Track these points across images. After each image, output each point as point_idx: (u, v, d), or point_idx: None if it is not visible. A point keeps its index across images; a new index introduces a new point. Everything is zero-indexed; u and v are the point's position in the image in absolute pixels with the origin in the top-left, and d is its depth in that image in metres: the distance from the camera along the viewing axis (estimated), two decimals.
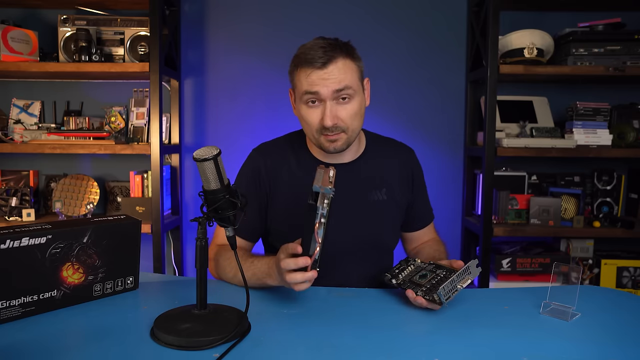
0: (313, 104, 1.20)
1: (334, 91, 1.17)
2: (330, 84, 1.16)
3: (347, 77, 1.18)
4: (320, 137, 1.22)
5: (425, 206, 1.45)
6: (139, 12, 2.45)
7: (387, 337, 0.94)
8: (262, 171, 1.31)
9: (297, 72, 1.21)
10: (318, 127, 1.20)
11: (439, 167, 2.52)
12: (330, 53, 1.17)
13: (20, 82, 2.54)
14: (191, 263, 2.61)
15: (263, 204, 1.32)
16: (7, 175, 2.50)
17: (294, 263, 0.99)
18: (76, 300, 1.06)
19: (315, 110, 1.20)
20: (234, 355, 0.85)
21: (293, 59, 1.23)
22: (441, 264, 1.15)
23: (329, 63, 1.16)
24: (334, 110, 1.18)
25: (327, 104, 1.18)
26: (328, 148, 1.23)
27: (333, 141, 1.22)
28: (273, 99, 2.52)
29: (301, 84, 1.20)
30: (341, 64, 1.18)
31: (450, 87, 2.52)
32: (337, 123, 1.19)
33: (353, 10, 2.50)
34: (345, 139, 1.22)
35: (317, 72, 1.17)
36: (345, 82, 1.17)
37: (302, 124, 1.27)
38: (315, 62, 1.16)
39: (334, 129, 1.19)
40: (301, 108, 1.23)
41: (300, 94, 1.22)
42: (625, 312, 1.11)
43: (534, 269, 2.32)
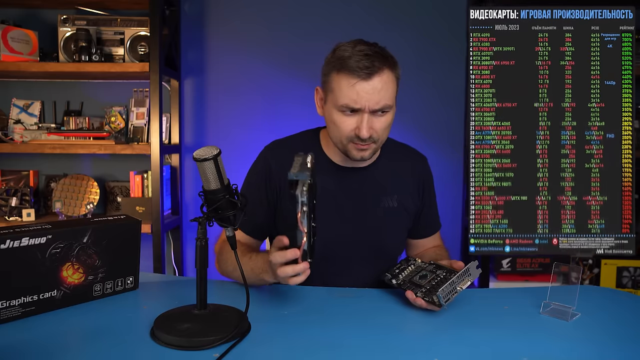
0: (350, 114, 1.17)
1: (374, 108, 1.15)
2: (372, 98, 1.13)
3: (387, 94, 1.15)
4: (349, 144, 1.19)
5: (433, 215, 1.44)
6: (139, 12, 2.45)
7: (387, 337, 0.94)
8: (272, 169, 1.29)
9: (336, 77, 1.16)
10: (350, 135, 1.17)
11: (439, 167, 2.50)
12: (377, 64, 1.14)
13: (20, 82, 2.54)
14: (191, 263, 2.61)
15: (272, 202, 1.29)
16: (7, 175, 2.51)
17: (281, 256, 0.96)
18: (76, 300, 1.06)
19: (350, 118, 1.17)
20: (234, 355, 0.85)
21: (331, 59, 1.19)
22: (441, 265, 1.14)
23: (374, 75, 1.13)
24: (370, 122, 1.16)
25: (365, 116, 1.15)
26: (356, 156, 1.21)
27: (362, 150, 1.19)
28: (273, 98, 2.52)
29: (341, 92, 1.15)
30: (385, 77, 1.15)
31: (450, 87, 2.52)
32: (372, 134, 1.17)
33: (353, 10, 2.50)
34: (373, 149, 1.21)
35: (361, 84, 1.13)
36: (385, 100, 1.15)
37: (330, 127, 1.23)
38: (360, 72, 1.13)
39: (367, 140, 1.17)
40: (334, 113, 1.19)
41: (336, 101, 1.17)
42: (625, 312, 1.11)
43: (534, 269, 2.32)
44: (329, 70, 1.19)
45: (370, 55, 1.14)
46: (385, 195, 1.31)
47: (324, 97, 1.23)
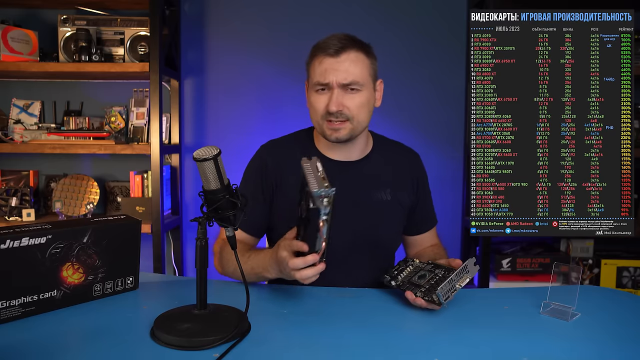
0: (322, 91, 1.23)
1: (342, 83, 1.21)
2: (340, 74, 1.20)
3: (356, 71, 1.21)
4: (324, 124, 1.24)
5: (428, 211, 1.45)
6: (139, 12, 2.45)
7: (387, 337, 0.94)
8: (268, 166, 1.32)
9: (311, 61, 1.26)
10: (323, 112, 1.23)
11: (439, 167, 2.52)
12: (345, 42, 1.21)
13: (20, 82, 2.54)
14: (191, 263, 2.61)
15: (268, 199, 1.32)
16: (7, 175, 2.51)
17: (303, 262, 0.99)
18: (76, 300, 1.06)
19: (322, 96, 1.23)
20: (234, 355, 0.85)
21: (311, 50, 1.28)
22: (439, 264, 1.14)
23: (342, 52, 1.20)
24: (340, 98, 1.21)
25: (335, 91, 1.21)
26: (330, 136, 1.25)
27: (336, 130, 1.23)
28: (273, 98, 2.52)
29: (314, 72, 1.24)
30: (354, 56, 1.22)
31: (450, 87, 2.52)
32: (342, 110, 1.21)
33: (353, 10, 2.50)
34: (349, 129, 1.24)
35: (329, 60, 1.21)
36: (354, 76, 1.21)
37: (310, 113, 1.29)
38: (329, 49, 1.21)
39: (338, 115, 1.21)
40: (311, 95, 1.27)
41: (312, 82, 1.25)
42: (625, 312, 1.11)
43: (534, 269, 2.32)
44: (308, 59, 1.28)
45: (341, 38, 1.22)
46: (379, 189, 1.33)
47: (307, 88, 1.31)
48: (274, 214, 1.33)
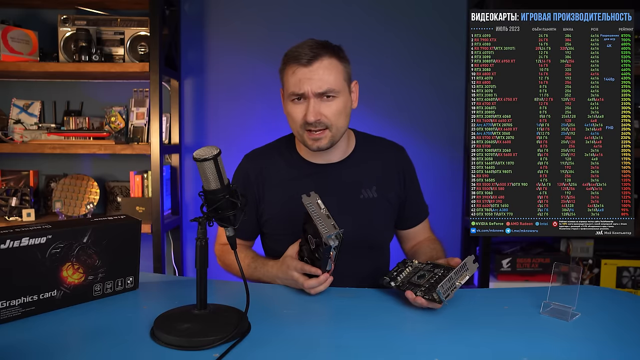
0: (298, 101, 1.23)
1: (317, 92, 1.21)
2: (314, 83, 1.20)
3: (330, 78, 1.21)
4: (304, 134, 1.25)
5: (419, 203, 1.46)
6: (139, 12, 2.45)
7: (387, 337, 0.94)
8: (250, 175, 1.35)
9: (284, 70, 1.26)
10: (302, 123, 1.23)
11: (438, 167, 2.52)
12: (317, 51, 1.21)
13: (20, 82, 2.54)
14: (191, 263, 2.61)
15: (254, 208, 1.36)
16: (7, 175, 2.51)
17: (317, 282, 1.11)
18: (76, 300, 1.06)
19: (299, 106, 1.23)
20: (234, 355, 0.85)
21: (282, 58, 1.28)
22: (438, 263, 1.15)
23: (315, 61, 1.20)
24: (317, 107, 1.21)
25: (311, 101, 1.21)
26: (312, 146, 1.26)
27: (317, 139, 1.25)
28: (273, 99, 2.52)
29: (288, 82, 1.24)
30: (327, 63, 1.21)
31: (450, 87, 2.52)
32: (321, 119, 1.22)
33: (353, 10, 2.50)
34: (329, 137, 1.25)
35: (302, 70, 1.20)
36: (329, 84, 1.21)
37: (289, 122, 1.30)
38: (302, 59, 1.20)
39: (317, 124, 1.22)
40: (287, 105, 1.26)
41: (287, 92, 1.25)
42: (625, 312, 1.11)
43: (534, 269, 2.32)
44: (281, 68, 1.28)
45: (312, 46, 1.22)
46: (364, 187, 1.34)
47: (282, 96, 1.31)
48: (262, 223, 1.37)
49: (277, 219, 1.34)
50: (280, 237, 1.31)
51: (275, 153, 1.38)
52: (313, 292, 1.13)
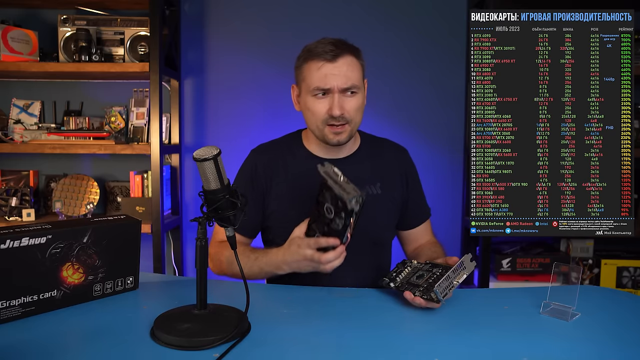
0: (322, 96, 1.26)
1: (342, 88, 1.24)
2: (340, 79, 1.23)
3: (353, 74, 1.25)
4: (325, 128, 1.27)
5: (420, 204, 1.47)
6: (139, 12, 2.45)
7: (387, 337, 0.94)
8: (259, 168, 1.36)
9: (306, 66, 1.27)
10: (325, 117, 1.26)
11: (439, 167, 2.52)
12: (341, 47, 1.25)
13: (20, 82, 2.54)
14: (191, 263, 2.61)
15: (260, 201, 1.35)
16: (7, 175, 2.51)
17: (335, 255, 1.08)
18: (76, 300, 1.06)
19: (322, 101, 1.26)
20: (234, 355, 0.85)
21: (301, 54, 1.30)
22: (437, 263, 1.15)
23: (339, 57, 1.24)
24: (341, 101, 1.24)
25: (335, 96, 1.24)
26: (332, 140, 1.28)
27: (338, 133, 1.27)
28: (273, 98, 2.52)
29: (311, 77, 1.25)
30: (349, 60, 1.25)
31: (450, 87, 2.52)
32: (344, 113, 1.25)
33: (353, 10, 2.50)
34: (348, 132, 1.28)
35: (328, 65, 1.23)
36: (352, 80, 1.25)
37: (307, 117, 1.31)
38: (326, 55, 1.23)
39: (340, 119, 1.25)
40: (308, 100, 1.28)
41: (308, 87, 1.27)
42: (625, 312, 1.11)
43: (534, 269, 2.32)
44: (300, 63, 1.30)
45: (334, 42, 1.26)
46: (368, 183, 1.36)
47: (299, 92, 1.33)
48: (266, 215, 1.36)
49: (283, 212, 1.34)
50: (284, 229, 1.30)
51: (282, 147, 1.40)
52: (329, 267, 1.10)
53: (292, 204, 1.32)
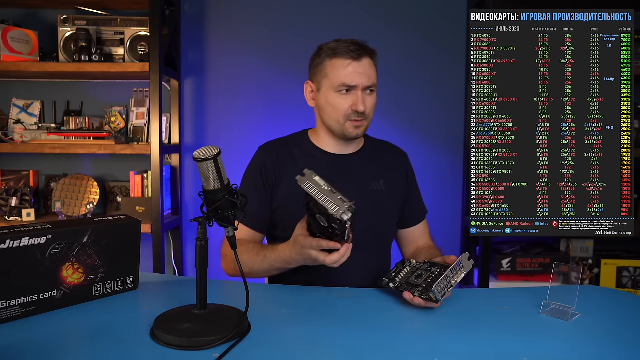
0: (345, 93, 1.32)
1: (365, 86, 1.31)
2: (364, 77, 1.31)
3: (373, 74, 1.34)
4: (346, 122, 1.33)
5: (418, 203, 1.51)
6: (139, 12, 2.45)
7: (387, 337, 0.94)
8: (267, 164, 1.39)
9: (330, 62, 1.32)
10: (348, 112, 1.32)
11: (439, 167, 2.52)
12: (364, 48, 1.33)
13: (20, 82, 2.54)
14: (191, 263, 2.61)
15: (270, 196, 1.38)
16: (7, 175, 2.50)
17: (339, 256, 1.08)
18: (76, 300, 1.06)
19: (346, 97, 1.32)
20: (234, 355, 0.85)
21: (321, 52, 1.35)
22: (435, 262, 1.16)
23: (363, 57, 1.31)
24: (364, 99, 1.32)
25: (359, 93, 1.31)
26: (352, 133, 1.34)
27: (358, 127, 1.33)
28: (273, 98, 2.52)
29: (337, 74, 1.31)
30: (369, 60, 1.34)
31: (450, 87, 2.52)
32: (365, 110, 1.32)
33: (353, 10, 2.50)
34: (365, 126, 1.36)
35: (354, 64, 1.30)
36: (373, 80, 1.34)
37: (327, 111, 1.35)
38: (353, 54, 1.30)
39: (362, 115, 1.32)
40: (331, 96, 1.33)
41: (333, 83, 1.32)
42: (625, 312, 1.11)
43: (534, 269, 2.32)
44: (322, 60, 1.34)
45: (356, 43, 1.33)
46: (373, 179, 1.40)
47: (315, 88, 1.38)
48: (274, 211, 1.37)
49: (291, 206, 1.36)
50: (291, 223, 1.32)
51: (290, 144, 1.44)
52: (336, 265, 1.10)
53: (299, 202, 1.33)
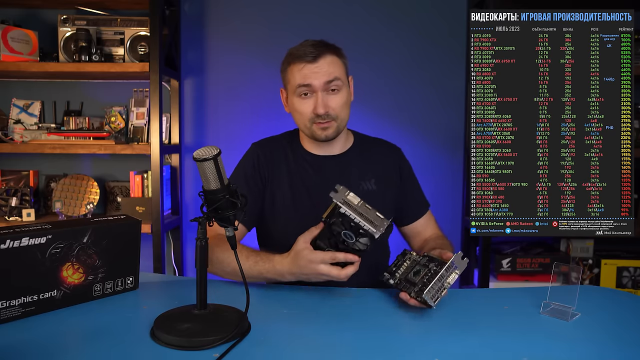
0: (305, 96, 1.30)
1: (325, 82, 1.28)
2: (321, 76, 1.28)
3: (335, 70, 1.30)
4: (312, 126, 1.31)
5: (417, 197, 1.49)
6: (139, 12, 2.45)
7: (387, 337, 0.94)
8: (261, 159, 1.40)
9: (289, 69, 1.32)
10: (311, 116, 1.30)
11: (439, 167, 2.52)
12: (320, 49, 1.29)
13: (20, 82, 2.54)
14: (191, 263, 2.61)
15: (260, 192, 1.38)
16: (7, 175, 2.50)
17: (354, 269, 1.07)
18: (76, 300, 1.06)
19: (307, 100, 1.30)
20: (234, 355, 0.85)
21: (284, 59, 1.35)
22: (433, 256, 1.13)
23: (319, 57, 1.28)
24: (325, 100, 1.29)
25: (319, 94, 1.29)
26: (320, 136, 1.32)
27: (325, 129, 1.31)
28: (273, 98, 2.52)
29: (294, 78, 1.30)
30: (330, 59, 1.30)
31: (450, 87, 2.52)
32: (328, 111, 1.29)
33: (354, 10, 2.50)
34: (335, 127, 1.32)
35: (309, 66, 1.28)
36: (335, 74, 1.29)
37: (295, 117, 1.36)
38: (307, 57, 1.28)
39: (325, 117, 1.29)
40: (294, 101, 1.32)
41: (293, 88, 1.31)
42: (625, 312, 1.11)
43: (534, 269, 2.32)
44: (285, 67, 1.35)
45: (314, 44, 1.31)
46: (363, 180, 1.39)
47: (286, 95, 1.38)
48: (265, 206, 1.38)
49: (282, 200, 1.36)
50: (282, 219, 1.34)
51: (282, 141, 1.45)
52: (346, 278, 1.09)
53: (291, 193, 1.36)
